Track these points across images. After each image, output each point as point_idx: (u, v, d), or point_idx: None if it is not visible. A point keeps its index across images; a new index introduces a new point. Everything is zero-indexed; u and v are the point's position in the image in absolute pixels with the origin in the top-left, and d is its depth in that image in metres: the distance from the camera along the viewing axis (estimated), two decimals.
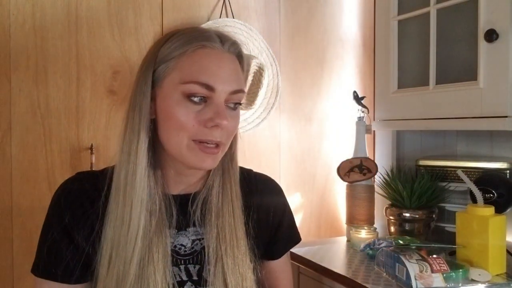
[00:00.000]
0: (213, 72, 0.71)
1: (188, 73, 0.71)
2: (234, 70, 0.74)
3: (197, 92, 0.70)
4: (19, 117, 1.24)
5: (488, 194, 1.20)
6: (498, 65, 1.27)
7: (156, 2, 1.40)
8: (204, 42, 0.72)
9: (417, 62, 1.58)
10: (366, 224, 1.52)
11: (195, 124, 0.71)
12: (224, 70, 0.72)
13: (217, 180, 0.80)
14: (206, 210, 0.79)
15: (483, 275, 1.07)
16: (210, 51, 0.72)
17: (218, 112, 0.71)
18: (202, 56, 0.71)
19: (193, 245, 0.79)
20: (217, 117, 0.70)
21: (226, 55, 0.73)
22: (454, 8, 1.42)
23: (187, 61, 0.71)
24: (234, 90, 0.73)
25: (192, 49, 0.71)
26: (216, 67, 0.71)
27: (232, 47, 0.75)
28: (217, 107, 0.71)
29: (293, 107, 1.63)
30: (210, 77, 0.70)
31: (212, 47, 0.72)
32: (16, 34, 1.23)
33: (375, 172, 1.54)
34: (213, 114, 0.71)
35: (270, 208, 0.87)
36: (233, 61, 0.74)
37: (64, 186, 0.80)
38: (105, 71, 1.34)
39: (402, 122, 1.61)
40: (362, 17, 1.75)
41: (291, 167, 1.63)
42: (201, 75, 0.70)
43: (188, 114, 0.71)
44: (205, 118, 0.71)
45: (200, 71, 0.70)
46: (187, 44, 0.72)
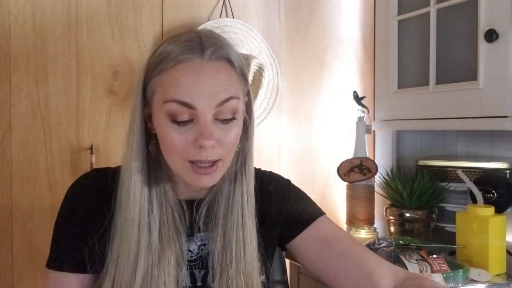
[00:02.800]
0: (192, 89, 0.66)
1: (168, 92, 0.67)
2: (221, 79, 0.68)
3: (178, 112, 0.67)
4: (19, 117, 1.24)
5: (488, 194, 1.20)
6: (498, 65, 1.27)
7: (156, 2, 1.40)
8: (181, 57, 0.67)
9: (417, 62, 1.58)
10: (366, 224, 1.52)
11: (184, 146, 0.68)
12: (205, 84, 0.67)
13: (226, 186, 0.78)
14: (212, 216, 0.78)
15: (483, 275, 1.07)
16: (189, 66, 0.67)
17: (201, 132, 0.67)
18: (180, 73, 0.67)
19: (199, 251, 0.78)
20: (201, 138, 0.66)
21: (207, 66, 0.67)
22: (454, 8, 1.42)
23: (167, 79, 0.68)
24: (220, 101, 0.67)
25: (171, 65, 0.67)
26: (194, 82, 0.66)
27: (215, 54, 0.68)
28: (200, 127, 0.67)
29: (293, 107, 1.63)
30: (189, 95, 0.66)
31: (189, 60, 0.67)
32: (16, 34, 1.23)
33: (375, 172, 1.54)
34: (198, 135, 0.67)
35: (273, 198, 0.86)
36: (218, 69, 0.68)
37: (79, 181, 0.80)
38: (105, 71, 1.34)
39: (402, 122, 1.61)
40: (362, 17, 1.75)
41: (291, 167, 1.63)
42: (179, 94, 0.66)
43: (176, 137, 0.68)
44: (192, 139, 0.68)
45: (179, 89, 0.67)
46: (167, 60, 0.68)
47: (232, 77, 0.70)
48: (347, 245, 0.81)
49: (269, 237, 0.83)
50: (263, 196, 0.83)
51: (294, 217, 0.85)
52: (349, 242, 0.83)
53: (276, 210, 0.85)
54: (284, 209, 0.85)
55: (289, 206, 0.86)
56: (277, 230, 0.85)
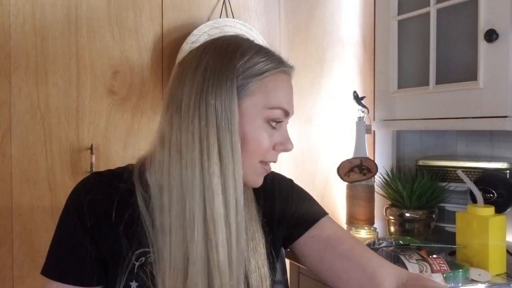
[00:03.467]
0: (290, 99, 0.75)
1: (275, 99, 0.72)
2: None
3: (278, 119, 0.73)
4: (19, 117, 1.24)
5: (488, 194, 1.20)
6: (498, 65, 1.27)
7: (156, 2, 1.40)
8: (283, 67, 0.74)
9: (417, 62, 1.58)
10: (366, 224, 1.52)
11: (269, 147, 0.74)
12: (292, 96, 0.77)
13: None
14: None
15: (483, 275, 1.07)
16: (287, 77, 0.76)
17: (287, 137, 0.76)
18: (284, 82, 0.74)
19: None
20: (287, 142, 0.75)
21: (291, 81, 0.77)
22: (454, 8, 1.42)
23: (272, 85, 0.72)
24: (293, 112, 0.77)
25: (275, 73, 0.73)
26: (291, 93, 0.76)
27: (292, 72, 0.78)
28: (285, 132, 0.76)
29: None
30: (289, 104, 0.75)
31: (288, 72, 0.76)
32: (16, 34, 1.23)
33: (375, 172, 1.54)
34: (283, 139, 0.75)
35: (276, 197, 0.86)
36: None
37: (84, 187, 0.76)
38: (105, 71, 1.34)
39: (402, 122, 1.61)
40: (362, 17, 1.75)
41: (291, 167, 1.63)
42: (284, 102, 0.73)
43: (268, 139, 0.73)
44: (276, 142, 0.75)
45: (284, 98, 0.74)
46: (270, 65, 0.72)
47: None
48: (350, 246, 0.82)
49: (274, 239, 0.83)
50: (266, 197, 0.84)
51: (298, 217, 0.85)
52: (352, 243, 0.83)
53: (280, 211, 0.85)
54: (288, 209, 0.86)
55: (293, 207, 0.86)
56: (282, 231, 0.85)
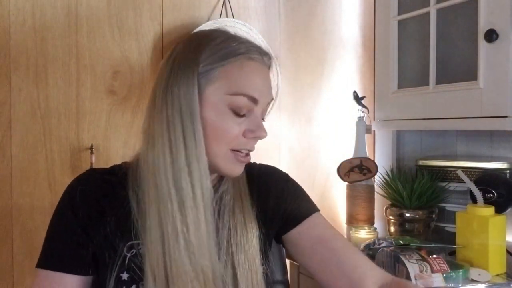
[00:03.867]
0: (259, 86, 0.74)
1: (237, 85, 0.72)
2: (271, 82, 0.78)
3: (244, 106, 0.72)
4: (19, 117, 1.24)
5: (488, 194, 1.20)
6: (498, 65, 1.27)
7: (156, 2, 1.40)
8: (252, 55, 0.74)
9: (417, 62, 1.58)
10: (366, 224, 1.52)
11: (237, 135, 0.73)
12: (266, 83, 0.76)
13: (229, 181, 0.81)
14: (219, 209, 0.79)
15: (483, 275, 1.07)
16: (256, 64, 0.74)
17: (259, 125, 0.74)
18: (252, 69, 0.73)
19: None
20: (258, 130, 0.74)
21: (265, 68, 0.77)
22: (454, 8, 1.42)
23: (235, 72, 0.72)
24: (270, 100, 0.77)
25: (241, 60, 0.72)
26: (261, 80, 0.74)
27: (269, 61, 0.78)
28: (257, 120, 0.74)
29: (293, 107, 1.63)
30: (256, 91, 0.73)
31: (257, 59, 0.75)
32: (16, 34, 1.23)
33: (375, 172, 1.54)
34: (255, 127, 0.74)
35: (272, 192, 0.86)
36: (268, 73, 0.78)
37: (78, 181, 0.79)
38: (105, 71, 1.34)
39: (402, 122, 1.61)
40: (362, 17, 1.75)
41: (291, 167, 1.63)
42: (249, 89, 0.72)
43: (233, 126, 0.72)
44: (246, 130, 0.74)
45: (249, 85, 0.72)
46: (234, 53, 0.72)
47: None
48: (342, 244, 0.82)
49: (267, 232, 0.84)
50: (261, 190, 0.85)
51: (291, 211, 0.86)
52: (343, 241, 0.84)
53: (274, 205, 0.86)
54: (282, 203, 0.86)
55: (288, 201, 0.86)
56: (275, 224, 0.85)
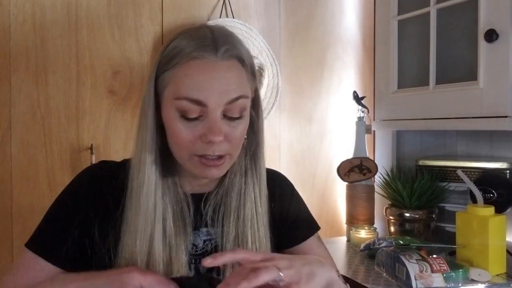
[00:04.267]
0: (205, 87, 0.67)
1: (180, 89, 0.68)
2: (232, 78, 0.69)
3: (189, 109, 0.68)
4: (19, 117, 1.24)
5: (488, 194, 1.20)
6: (498, 65, 1.27)
7: (156, 2, 1.40)
8: (196, 53, 0.68)
9: (417, 62, 1.58)
10: (366, 224, 1.52)
11: (192, 140, 0.69)
12: (217, 82, 0.67)
13: (237, 180, 0.78)
14: (223, 211, 0.78)
15: (483, 275, 1.07)
16: (202, 63, 0.68)
17: (210, 128, 0.68)
18: (193, 69, 0.68)
19: (204, 245, 0.79)
20: (210, 133, 0.68)
21: (220, 64, 0.68)
22: (454, 8, 1.42)
23: (180, 75, 0.68)
24: (230, 99, 0.68)
25: (185, 61, 0.68)
26: (208, 80, 0.67)
27: (227, 53, 0.69)
28: (210, 123, 0.68)
29: (293, 107, 1.63)
30: (201, 93, 0.67)
31: (204, 57, 0.68)
32: (16, 34, 1.23)
33: (375, 172, 1.54)
34: (207, 130, 0.68)
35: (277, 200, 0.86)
36: (229, 68, 0.69)
37: (86, 172, 0.80)
38: (105, 71, 1.34)
39: (402, 122, 1.61)
40: (362, 17, 1.75)
41: (291, 167, 1.63)
42: (191, 91, 0.67)
43: (184, 131, 0.69)
44: (200, 134, 0.69)
45: (191, 87, 0.67)
46: (181, 55, 0.69)
47: (242, 75, 0.71)
48: None
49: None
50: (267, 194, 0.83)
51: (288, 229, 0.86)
52: None
53: (277, 211, 0.85)
54: (284, 212, 0.86)
55: (289, 213, 0.86)
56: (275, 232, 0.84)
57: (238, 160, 0.77)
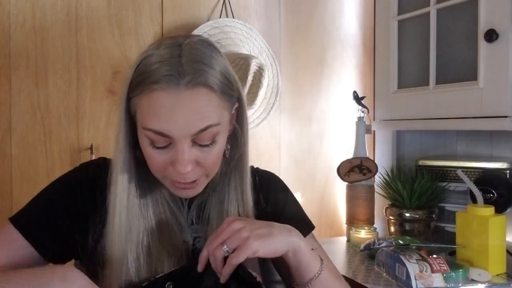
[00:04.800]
0: (167, 120, 0.64)
1: (145, 119, 0.66)
2: (198, 108, 0.65)
3: (156, 140, 0.67)
4: (19, 117, 1.24)
5: (488, 194, 1.20)
6: (498, 65, 1.27)
7: (156, 2, 1.40)
8: (156, 85, 0.64)
9: (417, 62, 1.58)
10: (366, 224, 1.52)
11: (163, 166, 0.69)
12: (181, 114, 0.64)
13: (220, 182, 0.79)
14: (208, 211, 0.79)
15: (483, 275, 1.07)
16: (164, 95, 0.64)
17: (177, 159, 0.66)
18: (155, 101, 0.65)
19: (195, 242, 0.79)
20: (178, 165, 0.66)
21: (184, 95, 0.64)
22: (454, 8, 1.42)
23: (144, 105, 0.66)
24: (197, 131, 0.65)
25: (148, 91, 0.65)
26: (170, 112, 0.64)
27: (192, 82, 0.64)
28: (177, 154, 0.66)
29: (293, 107, 1.63)
30: (164, 125, 0.65)
31: (165, 89, 0.64)
32: (16, 34, 1.23)
33: (375, 172, 1.54)
34: (174, 159, 0.67)
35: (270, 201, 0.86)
36: (194, 98, 0.65)
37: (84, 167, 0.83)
38: (105, 71, 1.34)
39: (402, 122, 1.61)
40: (362, 17, 1.75)
41: (291, 167, 1.63)
42: (155, 124, 0.65)
43: (155, 158, 0.69)
44: (170, 161, 0.68)
45: (154, 119, 0.65)
46: (145, 83, 0.66)
47: (211, 102, 0.67)
48: None
49: None
50: (259, 196, 0.84)
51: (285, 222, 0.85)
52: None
53: (271, 213, 0.85)
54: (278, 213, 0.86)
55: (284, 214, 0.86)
56: None
57: (221, 169, 0.78)
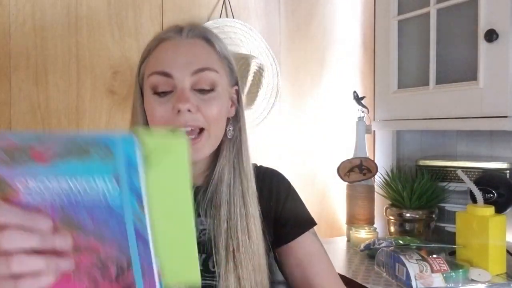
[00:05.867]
0: (169, 60, 0.74)
1: (150, 67, 0.76)
2: (196, 52, 0.76)
3: (159, 83, 0.74)
4: (19, 117, 1.24)
5: (488, 194, 1.20)
6: (498, 65, 1.27)
7: (156, 2, 1.40)
8: (162, 36, 0.77)
9: (417, 62, 1.58)
10: (366, 224, 1.52)
11: (164, 115, 0.73)
12: (181, 55, 0.74)
13: (226, 174, 0.80)
14: (214, 204, 0.79)
15: (483, 275, 1.07)
16: (167, 43, 0.76)
17: (178, 96, 0.72)
18: (161, 49, 0.76)
19: (200, 235, 0.79)
20: (177, 102, 0.71)
21: (184, 42, 0.76)
22: (454, 8, 1.42)
23: (152, 59, 0.77)
24: (195, 69, 0.74)
25: (155, 46, 0.77)
26: (172, 54, 0.75)
27: (191, 32, 0.77)
28: (177, 93, 0.73)
29: (293, 107, 1.63)
30: (167, 65, 0.74)
31: (169, 38, 0.76)
32: (16, 34, 1.23)
33: (375, 172, 1.54)
34: (174, 101, 0.72)
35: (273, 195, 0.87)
36: (194, 45, 0.76)
37: None
38: (105, 71, 1.34)
39: (402, 122, 1.61)
40: (362, 17, 1.75)
41: (291, 167, 1.63)
42: (159, 65, 0.74)
43: (157, 107, 0.74)
44: (170, 108, 0.73)
45: (159, 62, 0.75)
46: (151, 43, 0.79)
47: (209, 53, 0.77)
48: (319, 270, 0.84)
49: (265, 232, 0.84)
50: (262, 193, 0.85)
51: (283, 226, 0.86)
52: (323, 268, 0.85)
53: (274, 209, 0.86)
54: (279, 209, 0.87)
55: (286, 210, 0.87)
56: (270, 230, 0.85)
57: (225, 153, 0.80)
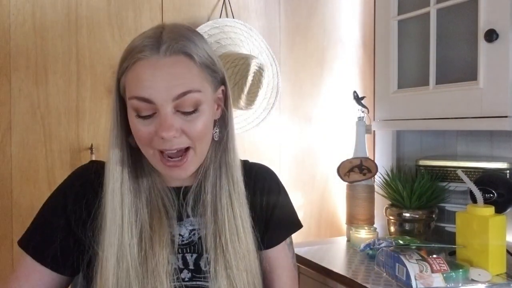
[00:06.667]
0: (148, 85, 0.69)
1: (130, 89, 0.71)
2: (177, 73, 0.70)
3: (140, 107, 0.70)
4: (19, 117, 1.24)
5: (488, 194, 1.20)
6: (498, 65, 1.27)
7: (156, 2, 1.40)
8: (139, 54, 0.70)
9: (417, 62, 1.58)
10: (366, 224, 1.52)
11: (148, 137, 0.72)
12: (161, 78, 0.69)
13: (211, 174, 0.80)
14: (200, 203, 0.80)
15: (483, 275, 1.07)
16: (145, 62, 0.70)
17: (160, 124, 0.70)
18: (139, 70, 0.70)
19: (190, 235, 0.80)
20: (160, 130, 0.69)
21: (163, 61, 0.69)
22: (454, 8, 1.42)
23: (130, 77, 0.72)
24: (177, 95, 0.69)
25: (132, 64, 0.71)
26: (151, 78, 0.69)
27: (170, 49, 0.70)
28: (160, 119, 0.70)
29: (293, 107, 1.63)
30: (146, 90, 0.69)
31: (146, 57, 0.70)
32: (16, 34, 1.23)
33: (375, 172, 1.54)
34: (158, 126, 0.70)
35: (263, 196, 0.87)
36: (174, 64, 0.70)
37: (74, 174, 0.84)
38: (105, 71, 1.34)
39: (402, 122, 1.61)
40: (362, 17, 1.75)
41: (291, 167, 1.63)
42: (138, 90, 0.70)
43: (141, 130, 0.72)
44: (154, 131, 0.71)
45: (138, 86, 0.70)
46: (129, 58, 0.72)
47: (191, 70, 0.71)
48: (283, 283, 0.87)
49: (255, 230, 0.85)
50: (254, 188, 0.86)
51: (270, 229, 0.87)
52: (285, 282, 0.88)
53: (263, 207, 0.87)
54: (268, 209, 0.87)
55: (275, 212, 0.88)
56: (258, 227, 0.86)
57: (211, 153, 0.80)
